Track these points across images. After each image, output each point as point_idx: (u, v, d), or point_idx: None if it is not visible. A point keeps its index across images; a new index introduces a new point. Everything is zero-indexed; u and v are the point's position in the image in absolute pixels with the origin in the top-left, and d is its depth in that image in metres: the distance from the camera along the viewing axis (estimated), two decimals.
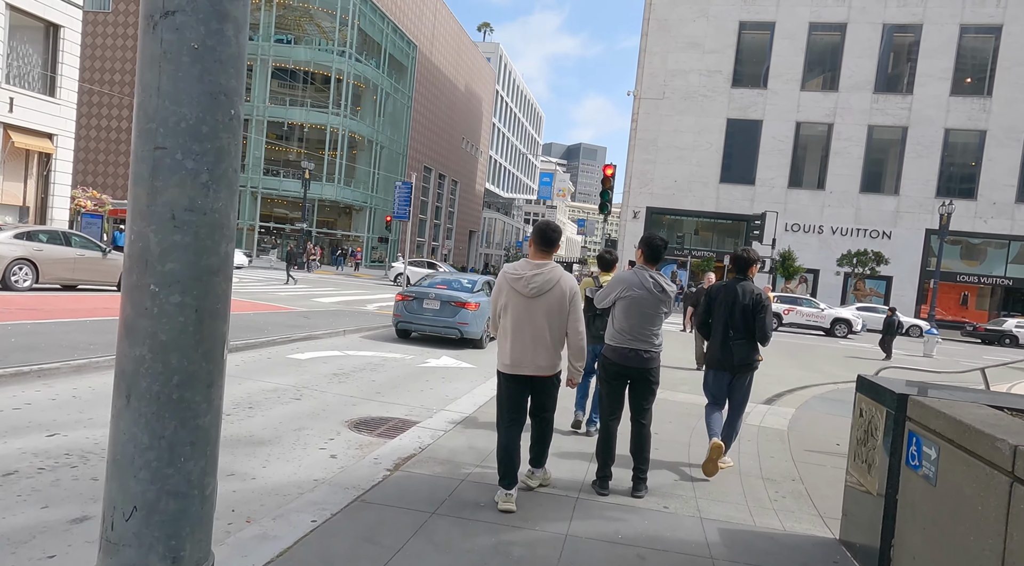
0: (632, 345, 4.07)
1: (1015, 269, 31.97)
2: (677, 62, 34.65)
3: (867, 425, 3.20)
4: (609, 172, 15.97)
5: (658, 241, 4.23)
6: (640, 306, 4.08)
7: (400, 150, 49.58)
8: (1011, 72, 31.05)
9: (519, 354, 3.77)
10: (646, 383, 4.14)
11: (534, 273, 3.84)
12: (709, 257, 33.93)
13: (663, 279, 4.17)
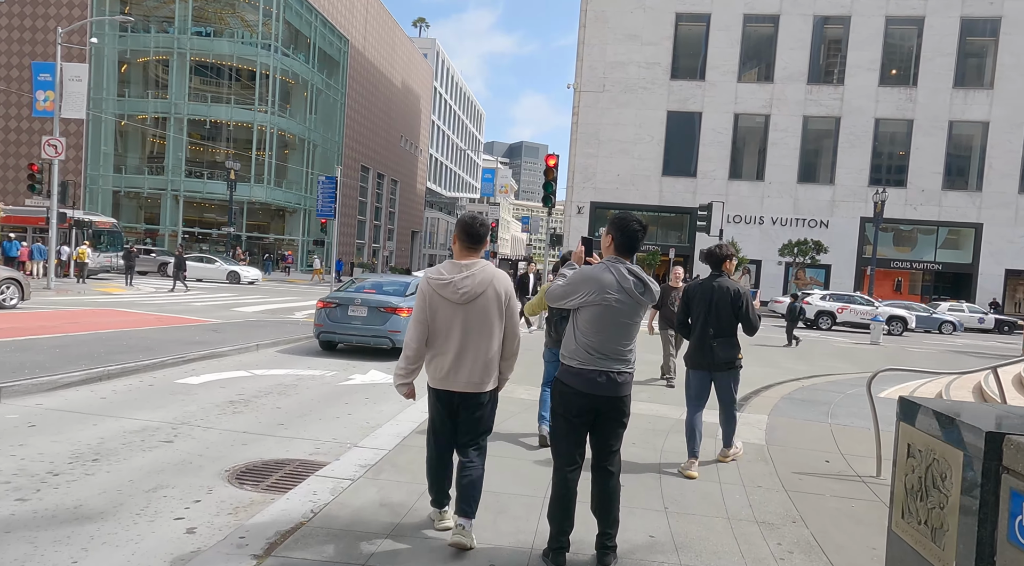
0: (603, 366, 2.99)
1: (943, 254, 33.04)
2: (616, 54, 34.20)
3: (926, 471, 2.26)
4: (552, 163, 15.07)
5: (635, 225, 3.11)
6: (615, 315, 3.00)
7: (335, 149, 47.49)
8: (934, 63, 32.00)
9: (450, 368, 3.22)
10: (617, 417, 3.07)
11: (463, 276, 3.19)
12: (655, 251, 33.65)
13: (645, 275, 3.10)
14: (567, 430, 3.03)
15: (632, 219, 3.14)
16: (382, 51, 56.75)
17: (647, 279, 3.08)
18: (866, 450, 5.35)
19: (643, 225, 3.14)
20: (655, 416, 6.30)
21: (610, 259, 3.11)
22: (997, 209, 31.85)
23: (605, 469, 3.10)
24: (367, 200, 55.10)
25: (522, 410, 6.23)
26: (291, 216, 44.37)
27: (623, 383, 3.02)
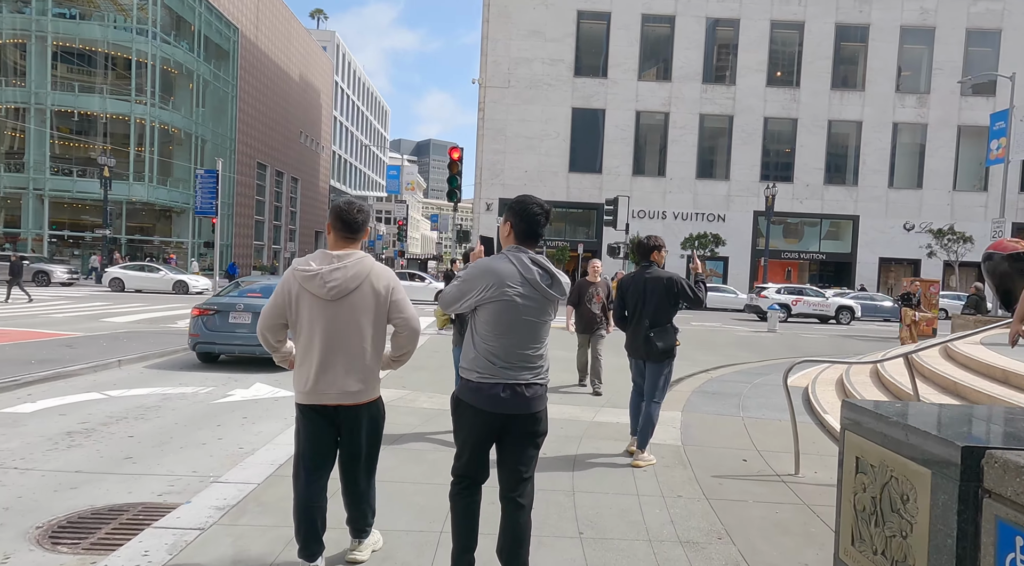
0: (507, 378, 2.52)
1: (827, 244, 35.44)
2: (520, 50, 34.07)
3: (882, 491, 1.89)
4: (456, 156, 14.49)
5: (536, 208, 2.65)
6: (519, 313, 2.54)
7: (227, 145, 44.40)
8: (814, 66, 34.19)
9: (316, 377, 2.73)
10: (528, 438, 2.58)
11: (333, 268, 2.70)
12: (563, 247, 33.87)
13: (551, 266, 2.66)
14: (468, 454, 2.60)
15: (532, 201, 2.67)
16: (277, 42, 53.81)
17: (554, 270, 2.63)
18: (781, 444, 5.18)
19: (545, 208, 2.68)
20: (567, 420, 5.89)
21: (510, 248, 2.63)
22: (871, 202, 34.51)
23: (514, 501, 2.59)
24: (265, 199, 52.08)
25: (423, 422, 5.62)
26: (179, 217, 41.03)
27: (533, 397, 2.54)
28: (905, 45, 34.09)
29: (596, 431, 5.50)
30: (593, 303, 7.37)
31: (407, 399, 6.58)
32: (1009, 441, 1.62)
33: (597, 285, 7.42)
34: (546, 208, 2.69)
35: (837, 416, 5.92)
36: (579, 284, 7.44)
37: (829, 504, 3.82)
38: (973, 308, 12.66)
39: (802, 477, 4.32)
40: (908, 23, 33.83)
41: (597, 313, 7.37)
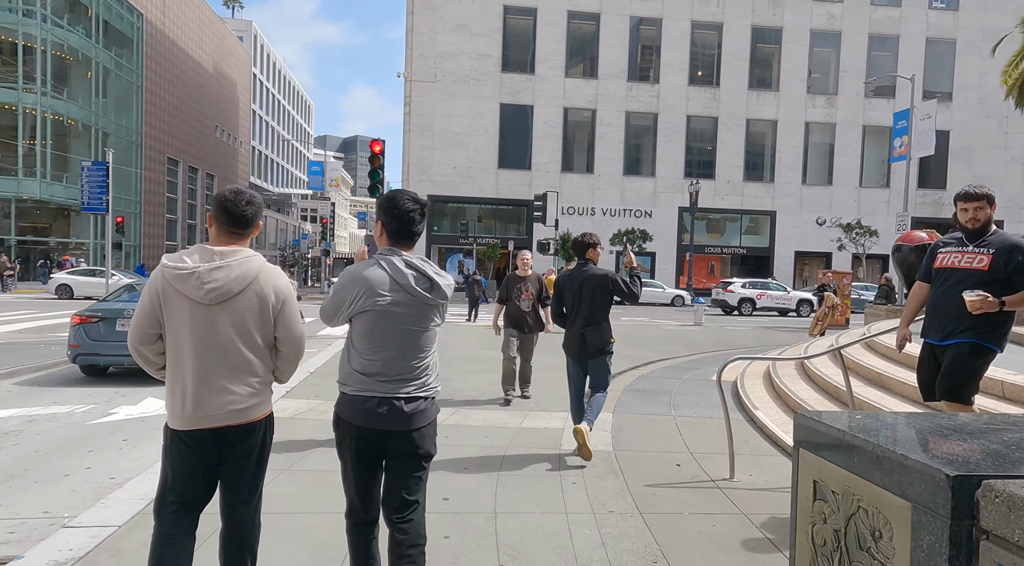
0: (385, 391, 2.29)
1: (747, 239, 36.77)
2: (446, 44, 33.43)
3: (847, 523, 1.57)
4: (378, 149, 13.78)
5: (408, 203, 2.40)
6: (395, 323, 2.32)
7: (133, 138, 41.39)
8: (732, 66, 35.34)
9: (194, 397, 2.24)
10: (410, 459, 2.34)
11: (214, 266, 2.24)
12: (494, 244, 33.54)
13: (431, 268, 2.40)
14: (353, 476, 2.36)
15: (404, 196, 2.42)
16: (187, 30, 50.68)
17: (434, 273, 2.38)
18: (714, 445, 4.97)
19: (420, 202, 2.43)
20: (492, 427, 5.48)
21: (383, 251, 2.39)
22: (786, 198, 36.06)
23: (399, 527, 2.32)
24: (178, 197, 49.02)
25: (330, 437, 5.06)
26: (78, 216, 37.85)
27: (416, 412, 2.31)
28: (815, 48, 35.78)
29: (524, 439, 5.13)
30: (522, 300, 6.65)
31: (318, 411, 5.99)
32: (1010, 466, 1.32)
33: (527, 280, 6.71)
34: (421, 202, 2.42)
35: (768, 412, 5.80)
36: (507, 279, 6.80)
37: (767, 512, 3.59)
38: (884, 298, 13.21)
39: (737, 482, 4.09)
40: (817, 27, 35.52)
41: (527, 310, 6.64)
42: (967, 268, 3.25)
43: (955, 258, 3.32)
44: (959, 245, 3.37)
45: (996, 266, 3.17)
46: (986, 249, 3.23)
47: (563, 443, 5.01)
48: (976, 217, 3.27)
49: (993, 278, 3.16)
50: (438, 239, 34.73)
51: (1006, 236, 3.26)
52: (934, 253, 3.48)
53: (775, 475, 4.24)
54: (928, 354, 3.44)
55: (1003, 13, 34.45)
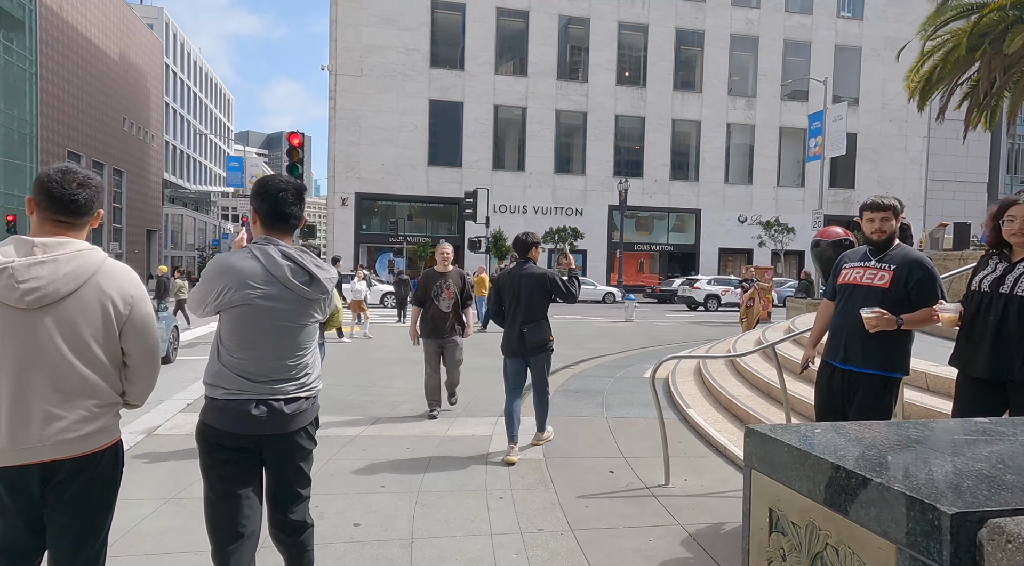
0: (259, 393, 2.11)
1: (674, 236, 37.72)
2: (373, 37, 32.47)
3: (813, 563, 1.30)
4: (296, 142, 13.01)
5: (281, 185, 2.22)
6: (269, 319, 2.13)
7: (26, 130, 38.02)
8: (658, 67, 36.13)
9: (17, 425, 1.76)
10: (291, 459, 2.20)
11: (33, 262, 1.77)
12: (425, 242, 32.89)
13: (310, 259, 2.21)
14: (225, 491, 2.13)
15: (277, 180, 2.23)
16: (89, 15, 47.10)
17: (313, 265, 2.19)
18: (648, 447, 4.77)
19: (295, 185, 2.23)
20: (415, 437, 5.08)
21: (258, 240, 2.19)
22: (710, 197, 37.24)
23: (286, 537, 2.22)
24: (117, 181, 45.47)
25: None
26: None
27: (294, 414, 2.15)
28: (735, 52, 37.09)
29: (449, 448, 4.76)
30: (443, 299, 5.77)
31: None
32: (1015, 497, 1.08)
33: (447, 276, 5.85)
34: (296, 185, 2.22)
35: (700, 410, 5.69)
36: (425, 277, 5.87)
37: (704, 522, 3.39)
38: (804, 292, 13.67)
39: (672, 488, 3.89)
40: (736, 31, 36.84)
41: (447, 311, 5.78)
42: (868, 285, 3.03)
43: (857, 274, 3.09)
44: (862, 260, 3.15)
45: (897, 283, 2.97)
46: (887, 265, 3.02)
47: (491, 451, 4.68)
48: (881, 229, 3.05)
49: (895, 296, 2.96)
50: (367, 238, 33.74)
51: (908, 251, 3.08)
52: (838, 269, 3.25)
53: (710, 479, 4.07)
54: (828, 375, 3.14)
55: (902, 24, 36.87)
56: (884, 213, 3.06)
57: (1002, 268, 2.70)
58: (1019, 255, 2.68)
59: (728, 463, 4.40)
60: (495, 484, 3.94)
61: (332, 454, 4.52)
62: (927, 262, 3.00)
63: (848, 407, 3.03)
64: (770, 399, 5.44)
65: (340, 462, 4.34)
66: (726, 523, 3.36)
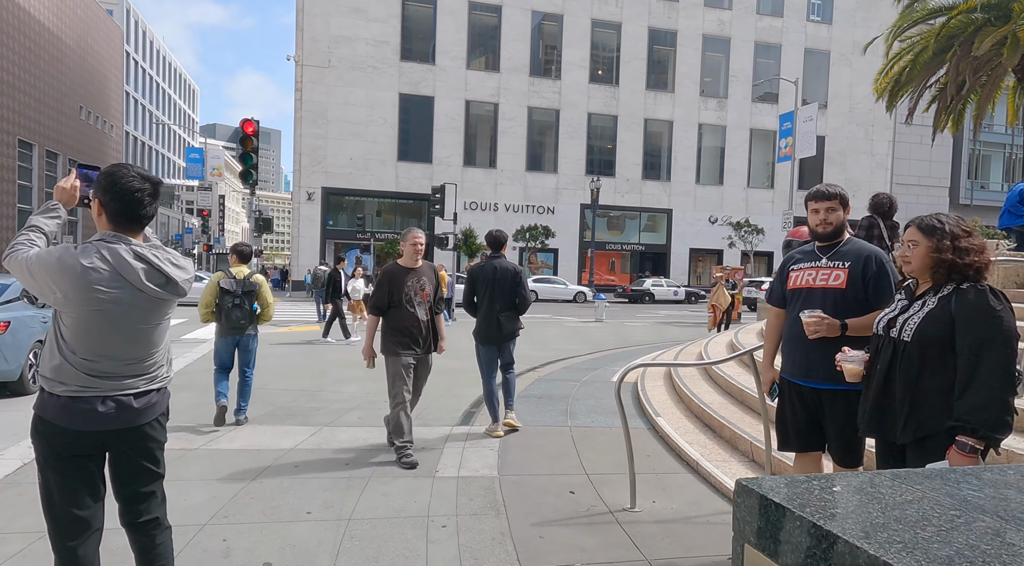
0: (107, 389, 1.98)
1: (646, 236, 37.65)
2: (341, 28, 31.62)
3: None
4: (250, 129, 12.37)
5: (134, 182, 2.00)
6: (120, 322, 1.97)
7: None
8: (631, 66, 35.98)
9: None
10: (134, 454, 2.06)
11: None
12: (394, 239, 32.17)
13: (166, 258, 2.06)
14: (64, 487, 1.99)
15: (129, 171, 2.01)
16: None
17: (171, 265, 2.05)
18: (613, 462, 4.36)
19: (151, 180, 2.04)
20: (359, 449, 4.57)
21: (103, 236, 1.99)
22: (682, 197, 37.26)
23: (142, 529, 2.10)
24: (32, 184, 43.45)
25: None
26: None
27: (146, 407, 2.05)
28: (707, 52, 37.15)
29: (393, 463, 4.26)
30: (418, 304, 4.41)
31: None
32: None
33: (419, 273, 4.49)
34: (152, 181, 2.03)
35: (671, 419, 5.29)
36: (388, 274, 4.46)
37: (674, 556, 2.96)
38: None
39: (639, 512, 3.46)
40: (708, 32, 36.90)
41: (424, 319, 4.44)
42: (823, 287, 2.65)
43: (809, 275, 2.70)
44: (812, 259, 2.75)
45: (854, 282, 2.60)
46: (840, 262, 2.66)
47: (440, 466, 4.21)
48: (827, 220, 2.67)
49: (854, 297, 2.59)
50: (334, 234, 32.89)
51: (861, 245, 2.71)
52: (786, 271, 2.83)
53: (681, 500, 3.66)
54: (789, 394, 2.73)
55: (869, 28, 37.33)
56: (830, 203, 2.70)
57: (901, 305, 2.27)
58: (923, 287, 2.23)
59: (700, 481, 4.00)
60: (439, 509, 3.46)
61: (259, 471, 4.00)
62: (881, 256, 2.65)
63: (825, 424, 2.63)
64: (745, 407, 5.08)
65: (266, 481, 3.82)
66: (698, 557, 2.95)
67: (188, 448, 4.49)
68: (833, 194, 2.71)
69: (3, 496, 3.42)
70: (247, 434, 4.93)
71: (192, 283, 2.12)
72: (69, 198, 2.13)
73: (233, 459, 4.26)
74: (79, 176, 2.16)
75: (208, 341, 10.56)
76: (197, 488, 3.67)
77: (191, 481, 3.79)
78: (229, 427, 5.13)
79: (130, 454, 2.04)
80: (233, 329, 5.20)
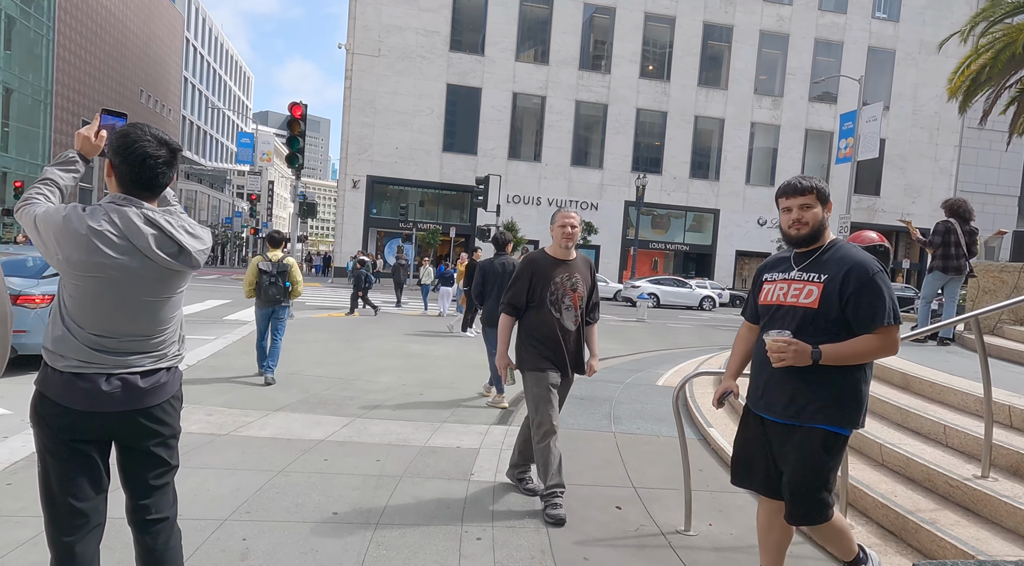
0: (115, 367, 1.79)
1: (690, 236, 36.74)
2: (392, 17, 31.70)
3: None
4: (298, 113, 12.34)
5: (151, 147, 1.80)
6: (127, 292, 1.77)
7: (41, 97, 37.70)
8: (683, 61, 35.04)
9: None
10: (150, 438, 1.85)
11: None
12: (435, 229, 32.19)
13: (180, 225, 1.85)
14: (64, 475, 1.79)
15: (145, 137, 1.79)
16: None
17: (185, 234, 1.84)
18: (662, 475, 4.03)
19: (169, 144, 1.84)
20: (390, 446, 4.35)
21: (115, 199, 1.80)
22: (730, 197, 36.19)
23: (148, 527, 1.88)
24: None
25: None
26: None
27: (153, 387, 1.83)
28: (763, 49, 35.90)
29: (426, 464, 4.03)
30: (566, 308, 3.41)
31: None
32: None
33: (572, 267, 3.48)
34: (170, 146, 1.84)
35: (724, 430, 4.91)
36: (533, 263, 3.44)
37: None
38: None
39: (694, 535, 3.13)
40: (766, 28, 35.64)
41: (571, 329, 3.46)
42: (792, 305, 2.17)
43: (780, 290, 2.23)
44: (783, 269, 2.28)
45: (828, 300, 2.10)
46: (816, 275, 2.16)
47: (475, 470, 3.95)
48: (801, 219, 2.20)
49: (827, 318, 2.11)
50: (376, 223, 33.12)
51: (847, 252, 2.17)
52: (759, 282, 2.37)
53: (741, 524, 3.31)
54: (749, 423, 2.34)
55: (939, 27, 35.49)
56: (804, 198, 2.20)
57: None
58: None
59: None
60: (474, 516, 3.20)
61: (287, 463, 3.82)
62: (868, 267, 2.09)
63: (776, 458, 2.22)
64: None
65: (292, 475, 3.62)
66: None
67: (217, 434, 4.35)
68: (807, 188, 2.20)
69: (27, 475, 3.31)
70: (278, 421, 4.78)
71: (207, 253, 1.92)
72: (91, 148, 1.97)
73: (262, 448, 4.10)
74: (103, 124, 1.98)
75: (247, 323, 10.60)
76: (222, 478, 3.50)
77: (218, 470, 3.63)
78: (261, 412, 4.99)
79: (139, 440, 1.85)
80: (269, 302, 6.33)
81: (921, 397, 4.37)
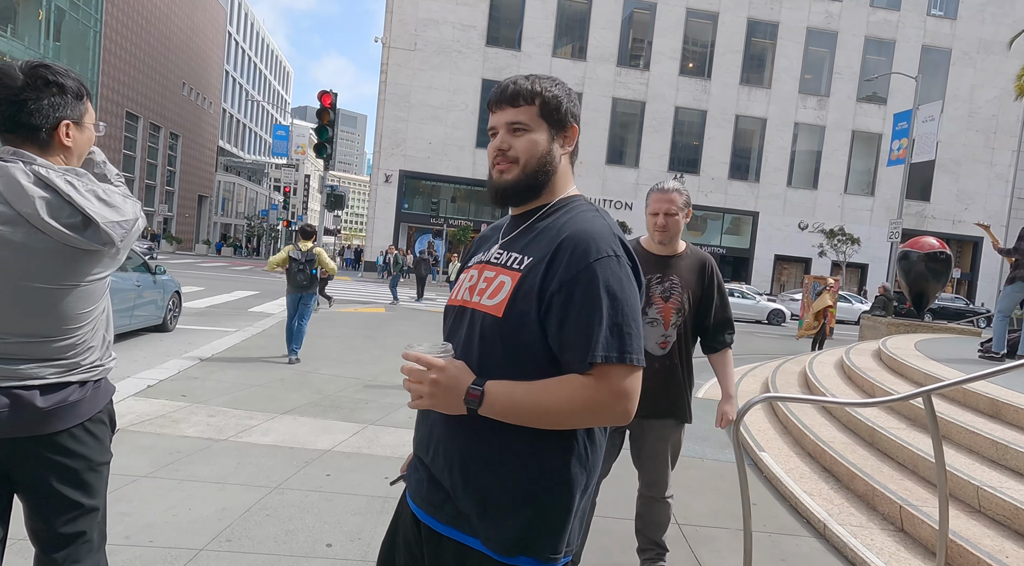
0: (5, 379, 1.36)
1: (728, 239, 35.68)
2: (429, 11, 31.46)
3: None
4: (328, 102, 12.05)
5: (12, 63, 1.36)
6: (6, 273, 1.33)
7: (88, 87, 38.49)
8: (725, 58, 34.00)
9: None
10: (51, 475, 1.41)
11: None
12: (467, 226, 31.88)
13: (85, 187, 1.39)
14: None
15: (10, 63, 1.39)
16: None
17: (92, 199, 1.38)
18: (709, 507, 3.50)
19: (31, 71, 1.39)
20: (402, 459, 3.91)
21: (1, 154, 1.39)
22: (770, 200, 35.01)
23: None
24: (136, 155, 46.17)
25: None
26: None
27: (55, 408, 1.39)
28: (810, 47, 34.61)
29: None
30: (652, 321, 2.52)
31: (170, 419, 4.36)
32: None
33: (673, 266, 2.58)
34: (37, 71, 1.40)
35: (776, 456, 4.34)
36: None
37: None
38: (882, 309, 11.96)
39: None
40: (814, 25, 34.34)
41: (660, 353, 2.56)
42: (475, 307, 1.28)
43: (470, 280, 1.35)
44: (492, 244, 1.44)
45: (521, 305, 1.18)
46: (518, 255, 1.26)
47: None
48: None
49: (523, 338, 1.17)
50: (408, 217, 32.97)
51: (573, 216, 1.25)
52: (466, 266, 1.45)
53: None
54: (401, 516, 1.29)
55: (999, 26, 33.75)
56: (514, 111, 1.26)
57: None
58: None
59: (831, 551, 3.07)
60: None
61: (284, 478, 3.41)
62: (594, 244, 1.16)
63: None
64: (880, 453, 4.05)
65: (288, 493, 3.21)
66: None
67: (215, 439, 3.98)
68: (525, 92, 1.23)
69: None
70: (283, 426, 4.39)
71: (128, 231, 1.44)
72: None
73: (260, 458, 3.70)
74: None
75: (273, 315, 10.33)
76: (209, 495, 3.10)
77: (206, 484, 3.24)
78: (267, 415, 4.61)
79: (39, 476, 1.41)
80: (297, 288, 6.89)
81: (1016, 428, 3.75)
